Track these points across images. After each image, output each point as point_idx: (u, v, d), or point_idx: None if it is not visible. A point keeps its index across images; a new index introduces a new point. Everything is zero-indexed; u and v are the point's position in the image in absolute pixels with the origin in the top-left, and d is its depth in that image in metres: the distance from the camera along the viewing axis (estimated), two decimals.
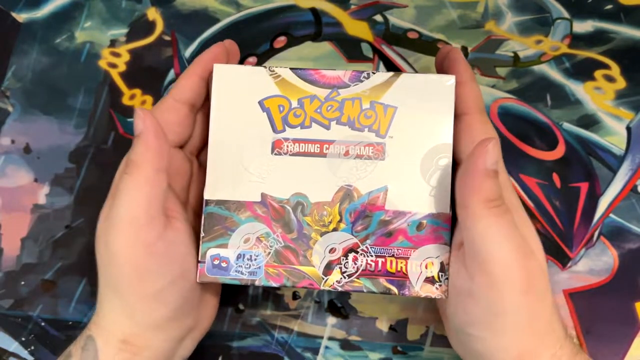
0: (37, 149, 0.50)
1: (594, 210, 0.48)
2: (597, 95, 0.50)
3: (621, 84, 0.50)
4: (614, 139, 0.49)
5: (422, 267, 0.38)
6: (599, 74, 0.51)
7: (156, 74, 0.51)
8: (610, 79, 0.50)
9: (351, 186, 0.39)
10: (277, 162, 0.39)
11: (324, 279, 0.38)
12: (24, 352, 0.45)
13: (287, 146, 0.39)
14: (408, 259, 0.38)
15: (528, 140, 0.49)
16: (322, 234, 0.39)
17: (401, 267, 0.38)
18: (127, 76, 0.51)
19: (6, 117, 0.50)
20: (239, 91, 0.39)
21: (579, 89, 0.50)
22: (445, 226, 0.38)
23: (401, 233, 0.38)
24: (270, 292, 0.46)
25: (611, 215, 0.47)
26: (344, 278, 0.38)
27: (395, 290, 0.38)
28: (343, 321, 0.46)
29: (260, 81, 0.39)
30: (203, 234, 0.39)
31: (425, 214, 0.38)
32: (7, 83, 0.51)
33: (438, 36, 0.52)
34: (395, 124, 0.39)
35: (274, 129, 0.39)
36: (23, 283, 0.47)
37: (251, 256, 0.39)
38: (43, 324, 0.46)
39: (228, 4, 0.53)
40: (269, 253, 0.39)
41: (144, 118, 0.35)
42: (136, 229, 0.35)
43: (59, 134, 0.50)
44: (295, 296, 0.46)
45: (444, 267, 0.38)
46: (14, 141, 0.50)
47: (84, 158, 0.49)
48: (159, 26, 0.53)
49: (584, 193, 0.48)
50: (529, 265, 0.34)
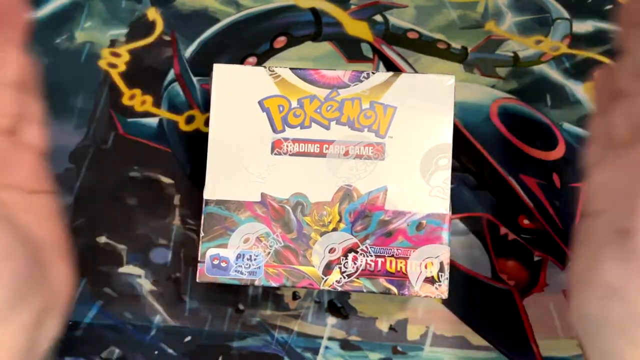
0: None
1: None
2: None
3: None
4: None
5: (421, 267, 0.38)
6: None
7: (156, 74, 0.51)
8: None
9: (351, 186, 0.39)
10: (277, 162, 0.39)
11: (323, 279, 0.38)
12: None
13: (287, 146, 0.39)
14: (408, 259, 0.38)
15: (528, 140, 0.49)
16: (321, 234, 0.39)
17: (401, 267, 0.38)
18: (127, 76, 0.51)
19: None
20: (238, 91, 0.39)
21: (579, 89, 0.50)
22: (445, 226, 0.38)
23: (401, 233, 0.38)
24: (270, 292, 0.46)
25: None
26: (344, 278, 0.38)
27: (395, 290, 0.38)
28: (343, 321, 0.46)
29: (260, 81, 0.39)
30: (203, 234, 0.39)
31: (425, 214, 0.38)
32: None
33: (438, 36, 0.52)
34: (395, 124, 0.39)
35: (274, 129, 0.39)
36: None
37: (251, 256, 0.39)
38: None
39: (228, 4, 0.53)
40: (269, 253, 0.39)
41: None
42: None
43: (59, 134, 0.50)
44: (295, 296, 0.46)
45: (443, 267, 0.38)
46: None
47: (84, 158, 0.49)
48: (159, 26, 0.53)
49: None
50: None
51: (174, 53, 0.52)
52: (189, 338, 0.46)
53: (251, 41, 0.52)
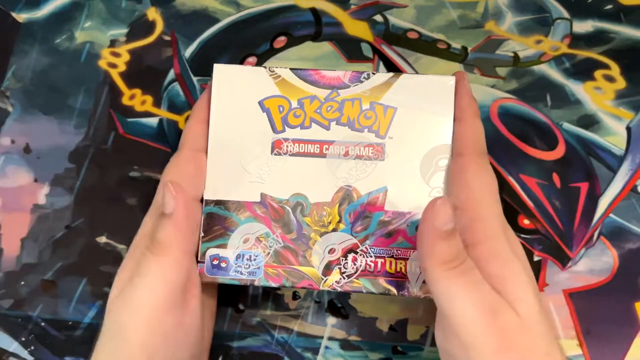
0: (37, 149, 0.50)
1: (594, 210, 0.47)
2: (597, 95, 0.50)
3: (621, 84, 0.50)
4: (614, 139, 0.49)
5: (421, 267, 0.38)
6: (599, 74, 0.51)
7: (156, 74, 0.51)
8: (610, 79, 0.50)
9: (351, 187, 0.39)
10: (277, 163, 0.39)
11: (323, 279, 0.38)
12: (24, 352, 0.45)
13: (287, 146, 0.39)
14: (407, 259, 0.38)
15: (528, 140, 0.49)
16: (321, 234, 0.39)
17: (400, 268, 0.38)
18: (127, 76, 0.51)
19: (6, 117, 0.50)
20: (239, 91, 0.39)
21: (579, 89, 0.50)
22: None
23: (401, 234, 0.38)
24: (270, 292, 0.46)
25: (611, 215, 0.47)
26: (344, 278, 0.38)
27: (394, 290, 0.38)
28: (343, 321, 0.46)
29: (260, 81, 0.39)
30: (202, 234, 0.39)
31: None
32: (7, 83, 0.51)
33: (438, 36, 0.52)
34: (395, 124, 0.39)
35: (274, 129, 0.39)
36: (23, 283, 0.47)
37: (250, 256, 0.39)
38: (43, 324, 0.46)
39: (228, 4, 0.53)
40: (269, 253, 0.39)
41: (176, 197, 0.34)
42: (156, 316, 0.33)
43: (59, 134, 0.50)
44: (295, 296, 0.46)
45: None
46: (14, 141, 0.50)
47: (84, 158, 0.49)
48: (159, 26, 0.53)
49: (584, 193, 0.48)
50: (498, 323, 0.32)
51: (174, 53, 0.52)
52: None
53: (251, 41, 0.52)
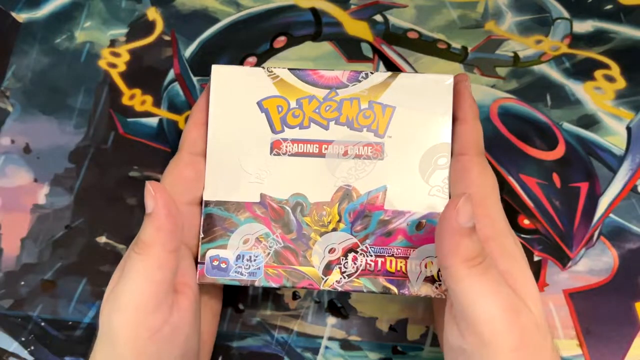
0: (37, 149, 0.50)
1: (594, 210, 0.47)
2: (597, 95, 0.50)
3: (621, 84, 0.50)
4: (614, 139, 0.49)
5: (421, 266, 0.38)
6: (599, 74, 0.51)
7: (156, 74, 0.51)
8: (610, 79, 0.50)
9: (350, 186, 0.39)
10: (276, 163, 0.39)
11: (323, 279, 0.38)
12: (24, 352, 0.45)
13: (286, 146, 0.39)
14: (407, 258, 0.38)
15: (528, 140, 0.49)
16: (321, 234, 0.39)
17: (401, 267, 0.38)
18: (127, 76, 0.51)
19: (6, 117, 0.50)
20: (237, 92, 0.39)
21: (579, 89, 0.50)
22: None
23: (400, 232, 0.38)
24: (270, 292, 0.46)
25: (611, 215, 0.47)
26: (344, 278, 0.38)
27: (394, 289, 0.38)
28: (343, 321, 0.46)
29: (259, 82, 0.39)
30: (202, 235, 0.39)
31: (424, 214, 0.38)
32: (7, 83, 0.51)
33: (438, 36, 0.52)
34: (393, 123, 0.39)
35: (273, 130, 0.39)
36: (23, 283, 0.47)
37: (250, 257, 0.39)
38: (43, 324, 0.46)
39: (228, 4, 0.53)
40: (269, 254, 0.39)
41: (154, 196, 0.34)
42: (143, 314, 0.33)
43: (58, 134, 0.50)
44: (295, 296, 0.46)
45: None
46: (13, 141, 0.50)
47: (83, 158, 0.49)
48: (159, 26, 0.53)
49: (584, 193, 0.48)
50: (520, 321, 0.33)
51: (174, 53, 0.52)
52: None
53: (251, 41, 0.52)
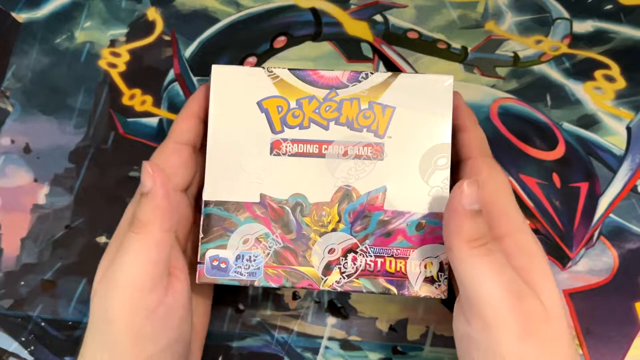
0: (37, 149, 0.50)
1: (594, 210, 0.47)
2: (597, 95, 0.50)
3: (621, 84, 0.50)
4: (614, 139, 0.49)
5: (421, 267, 0.38)
6: (599, 74, 0.51)
7: (156, 74, 0.51)
8: (610, 79, 0.50)
9: (350, 186, 0.39)
10: (276, 163, 0.39)
11: (323, 279, 0.38)
12: (24, 352, 0.45)
13: (286, 147, 0.39)
14: (407, 259, 0.38)
15: (528, 140, 0.49)
16: (321, 234, 0.39)
17: (400, 267, 0.38)
18: (127, 76, 0.51)
19: (6, 117, 0.50)
20: (237, 92, 0.39)
21: (579, 89, 0.50)
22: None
23: (400, 233, 0.38)
24: (270, 292, 0.46)
25: (611, 215, 0.47)
26: (343, 278, 0.38)
27: (394, 290, 0.38)
28: (343, 321, 0.46)
29: (259, 82, 0.39)
30: (202, 235, 0.39)
31: (424, 214, 0.38)
32: (7, 83, 0.51)
33: (438, 36, 0.52)
34: (393, 124, 0.39)
35: (273, 130, 0.39)
36: (23, 283, 0.47)
37: (250, 257, 0.39)
38: (43, 324, 0.46)
39: (228, 4, 0.53)
40: (268, 254, 0.39)
41: (153, 175, 0.34)
42: (139, 293, 0.33)
43: (58, 134, 0.50)
44: (295, 296, 0.46)
45: (443, 267, 0.38)
46: (13, 141, 0.50)
47: (83, 158, 0.49)
48: (159, 26, 0.53)
49: (584, 193, 0.48)
50: (524, 307, 0.33)
51: (174, 53, 0.52)
52: None
53: (251, 41, 0.52)
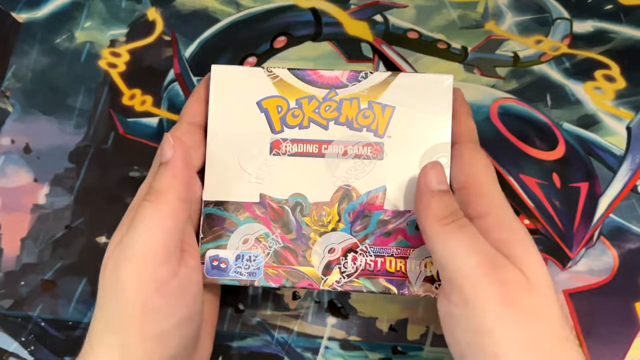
0: (37, 149, 0.50)
1: (594, 210, 0.47)
2: (597, 95, 0.50)
3: (621, 84, 0.50)
4: (614, 139, 0.49)
5: (421, 266, 0.38)
6: (599, 74, 0.51)
7: (156, 74, 0.51)
8: (610, 79, 0.50)
9: (350, 186, 0.39)
10: (276, 163, 0.39)
11: (323, 279, 0.38)
12: (24, 352, 0.45)
13: (286, 146, 0.39)
14: (407, 258, 0.38)
15: (528, 140, 0.49)
16: (321, 234, 0.39)
17: (400, 267, 0.38)
18: (127, 76, 0.51)
19: (6, 117, 0.50)
20: (237, 92, 0.39)
21: (579, 89, 0.50)
22: None
23: (400, 232, 0.38)
24: (270, 292, 0.46)
25: (611, 215, 0.47)
26: (344, 278, 0.38)
27: (394, 289, 0.38)
28: (343, 321, 0.46)
29: (258, 82, 0.39)
30: (202, 235, 0.39)
31: None
32: (7, 83, 0.51)
33: (438, 36, 0.52)
34: (393, 123, 0.39)
35: (272, 130, 0.39)
36: (23, 283, 0.47)
37: (250, 257, 0.39)
38: (43, 324, 0.46)
39: (228, 4, 0.53)
40: (268, 254, 0.39)
41: (174, 145, 0.34)
42: (152, 264, 0.33)
43: (59, 134, 0.50)
44: (295, 296, 0.46)
45: None
46: (13, 141, 0.50)
47: (83, 158, 0.49)
48: (159, 26, 0.53)
49: (584, 193, 0.48)
50: (500, 275, 0.32)
51: (174, 53, 0.52)
52: None
53: (251, 41, 0.52)
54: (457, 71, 0.51)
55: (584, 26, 0.52)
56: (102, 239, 0.48)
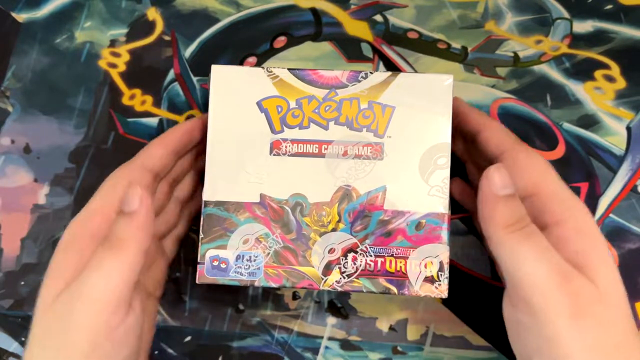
0: (37, 149, 0.50)
1: (594, 210, 0.47)
2: (597, 95, 0.50)
3: (621, 84, 0.50)
4: (614, 139, 0.49)
5: (421, 266, 0.38)
6: (599, 74, 0.51)
7: (156, 74, 0.51)
8: (610, 79, 0.50)
9: (350, 186, 0.39)
10: (276, 163, 0.39)
11: (323, 279, 0.38)
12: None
13: (286, 147, 0.39)
14: (407, 258, 0.38)
15: (528, 140, 0.49)
16: (321, 234, 0.39)
17: (400, 267, 0.38)
18: (127, 76, 0.51)
19: (6, 117, 0.50)
20: (237, 92, 0.39)
21: (579, 89, 0.50)
22: (444, 225, 0.38)
23: (400, 233, 0.38)
24: (270, 292, 0.46)
25: (611, 215, 0.47)
26: (344, 278, 0.38)
27: (394, 289, 0.38)
28: (343, 321, 0.46)
29: (258, 82, 0.39)
30: (202, 235, 0.39)
31: (424, 214, 0.38)
32: (7, 83, 0.51)
33: (438, 36, 0.52)
34: (393, 123, 0.39)
35: (272, 130, 0.39)
36: (23, 283, 0.47)
37: (250, 257, 0.39)
38: None
39: (228, 4, 0.53)
40: (268, 254, 0.39)
41: (141, 198, 0.34)
42: (107, 311, 0.33)
43: (59, 134, 0.50)
44: (295, 296, 0.46)
45: (443, 267, 0.38)
46: (14, 141, 0.50)
47: (83, 158, 0.49)
48: (159, 26, 0.53)
49: (584, 193, 0.48)
50: (571, 287, 0.32)
51: (174, 53, 0.52)
52: (189, 338, 0.46)
53: (251, 41, 0.52)
54: (457, 71, 0.51)
55: (584, 26, 0.52)
56: None
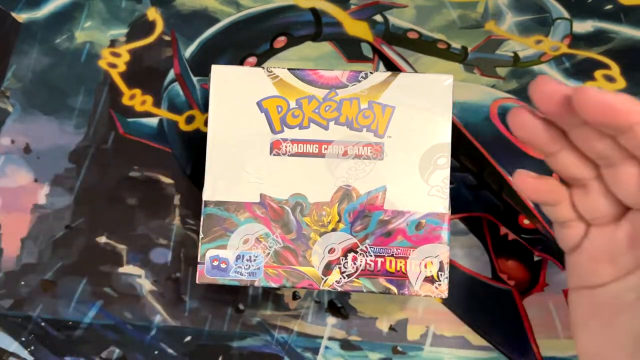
0: (37, 149, 0.50)
1: None
2: None
3: (621, 84, 0.50)
4: None
5: (421, 266, 0.38)
6: (599, 74, 0.51)
7: (156, 74, 0.51)
8: (610, 79, 0.50)
9: (350, 186, 0.39)
10: (276, 163, 0.39)
11: (323, 279, 0.38)
12: (24, 352, 0.45)
13: (286, 147, 0.39)
14: (407, 258, 0.38)
15: None
16: (321, 234, 0.39)
17: (400, 267, 0.38)
18: (127, 76, 0.51)
19: (6, 117, 0.50)
20: (237, 92, 0.39)
21: None
22: (444, 225, 0.38)
23: (400, 233, 0.38)
24: (270, 292, 0.46)
25: None
26: (344, 278, 0.38)
27: (394, 289, 0.38)
28: (343, 321, 0.46)
29: (258, 82, 0.39)
30: (202, 235, 0.39)
31: (424, 214, 0.38)
32: (7, 83, 0.51)
33: (438, 36, 0.52)
34: (393, 123, 0.39)
35: (273, 130, 0.39)
36: (23, 283, 0.47)
37: (250, 257, 0.39)
38: (43, 324, 0.46)
39: (228, 4, 0.53)
40: (268, 254, 0.39)
41: None
42: None
43: (59, 134, 0.50)
44: (295, 296, 0.46)
45: (443, 267, 0.38)
46: (14, 141, 0.50)
47: (84, 158, 0.49)
48: (159, 26, 0.53)
49: None
50: None
51: (174, 53, 0.52)
52: (189, 338, 0.46)
53: (251, 41, 0.52)
54: (457, 71, 0.51)
55: (584, 26, 0.52)
56: (102, 239, 0.48)
